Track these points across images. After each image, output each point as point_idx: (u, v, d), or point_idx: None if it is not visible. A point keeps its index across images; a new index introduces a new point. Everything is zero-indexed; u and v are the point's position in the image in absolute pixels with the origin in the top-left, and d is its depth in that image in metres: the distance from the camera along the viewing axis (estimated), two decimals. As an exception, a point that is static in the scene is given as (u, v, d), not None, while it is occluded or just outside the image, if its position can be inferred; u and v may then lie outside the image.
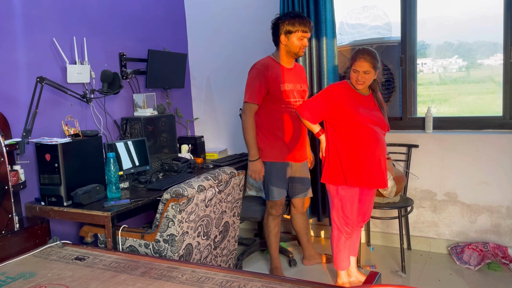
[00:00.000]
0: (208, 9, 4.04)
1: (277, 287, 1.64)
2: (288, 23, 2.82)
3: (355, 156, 2.60)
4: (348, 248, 2.79)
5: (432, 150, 3.30)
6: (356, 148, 2.60)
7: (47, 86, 2.67)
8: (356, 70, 2.54)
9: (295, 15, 2.84)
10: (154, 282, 1.74)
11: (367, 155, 2.59)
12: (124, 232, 2.45)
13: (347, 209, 2.68)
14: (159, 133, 3.49)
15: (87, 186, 2.57)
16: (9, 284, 1.78)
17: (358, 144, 2.59)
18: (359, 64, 2.52)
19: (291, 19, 2.82)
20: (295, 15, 2.84)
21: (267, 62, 2.90)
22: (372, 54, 2.53)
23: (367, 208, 2.79)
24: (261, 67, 2.86)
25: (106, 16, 3.25)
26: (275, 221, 3.05)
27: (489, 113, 3.38)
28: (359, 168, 2.60)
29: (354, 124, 2.58)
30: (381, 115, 2.65)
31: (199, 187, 2.41)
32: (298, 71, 3.06)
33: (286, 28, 2.83)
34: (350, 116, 2.58)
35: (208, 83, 4.16)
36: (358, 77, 2.55)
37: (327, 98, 2.64)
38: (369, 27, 3.66)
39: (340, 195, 2.68)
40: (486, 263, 3.03)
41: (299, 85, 2.99)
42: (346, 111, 2.59)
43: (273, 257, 3.10)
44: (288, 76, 2.92)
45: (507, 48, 3.06)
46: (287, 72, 2.93)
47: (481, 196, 3.18)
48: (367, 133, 2.58)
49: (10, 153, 2.39)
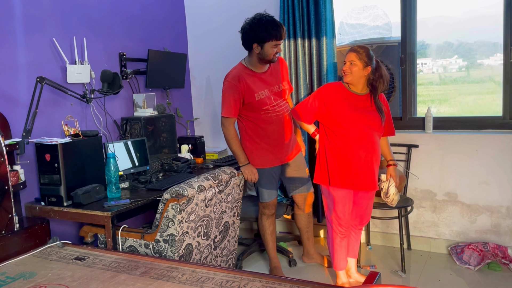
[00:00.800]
0: (208, 9, 4.04)
1: (277, 287, 1.64)
2: (261, 32, 2.72)
3: (340, 156, 2.61)
4: (345, 248, 2.78)
5: (432, 150, 3.30)
6: (342, 148, 2.61)
7: (47, 86, 2.67)
8: (344, 61, 2.59)
9: (267, 22, 2.72)
10: (154, 282, 1.74)
11: (353, 155, 2.58)
12: (124, 232, 2.45)
13: (339, 209, 2.68)
14: (159, 133, 3.49)
15: (87, 186, 2.57)
16: (9, 284, 1.78)
17: (344, 144, 2.60)
18: (347, 55, 2.58)
19: (263, 27, 2.71)
20: (267, 22, 2.72)
21: (238, 73, 2.85)
22: (362, 48, 2.56)
23: (363, 211, 2.77)
24: (232, 80, 2.82)
25: (106, 16, 3.25)
26: (269, 220, 3.07)
27: (489, 113, 3.38)
28: (344, 169, 2.61)
29: (343, 123, 2.58)
30: (377, 116, 2.61)
31: (199, 187, 2.41)
32: (273, 71, 2.95)
33: (258, 36, 2.73)
34: (339, 115, 2.59)
35: (208, 83, 4.16)
36: (344, 67, 2.59)
37: (318, 98, 2.67)
38: (369, 27, 3.66)
39: (332, 195, 2.68)
40: (486, 263, 3.03)
41: (276, 87, 2.93)
42: (336, 110, 2.60)
43: (271, 256, 3.10)
44: (261, 83, 2.88)
45: (507, 48, 3.06)
46: (259, 78, 2.88)
47: (481, 196, 3.18)
48: (354, 133, 2.57)
49: (10, 153, 2.39)
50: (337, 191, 2.66)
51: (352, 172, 2.60)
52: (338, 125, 2.60)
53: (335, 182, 2.64)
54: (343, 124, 2.59)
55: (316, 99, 2.68)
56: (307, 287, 1.65)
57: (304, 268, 3.22)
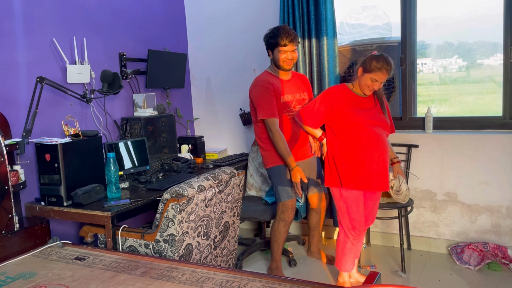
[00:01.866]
0: (208, 9, 4.04)
1: (277, 287, 1.64)
2: (270, 39, 2.90)
3: (352, 158, 2.59)
4: (354, 251, 2.77)
5: (432, 150, 3.30)
6: (353, 150, 2.59)
7: (47, 86, 2.67)
8: (375, 80, 2.51)
9: (277, 30, 2.89)
10: (154, 282, 1.74)
11: (365, 156, 2.57)
12: (124, 232, 2.45)
13: (353, 211, 2.65)
14: (159, 133, 3.49)
15: (87, 186, 2.57)
16: (9, 284, 1.78)
17: (355, 146, 2.58)
18: (381, 75, 2.49)
19: (272, 35, 2.89)
20: (277, 30, 2.89)
21: (266, 77, 2.96)
22: (392, 64, 2.51)
23: (370, 211, 2.76)
24: (263, 83, 2.91)
25: (106, 16, 3.25)
26: (286, 227, 3.02)
27: (489, 113, 3.38)
28: (356, 170, 2.59)
29: (352, 126, 2.58)
30: (383, 116, 2.63)
31: (199, 187, 2.41)
32: (297, 81, 3.08)
33: (268, 43, 2.93)
34: (348, 118, 2.58)
35: (208, 83, 4.16)
36: (374, 86, 2.54)
37: (325, 102, 2.65)
38: (369, 27, 3.66)
39: (344, 197, 2.65)
40: (486, 263, 3.03)
41: (298, 94, 3.02)
42: (344, 113, 2.59)
43: (276, 259, 3.09)
44: (286, 88, 2.98)
45: (507, 48, 3.06)
46: (285, 83, 2.99)
47: (481, 196, 3.18)
48: (365, 135, 2.57)
49: (10, 153, 2.39)
50: (350, 192, 2.63)
51: (365, 173, 2.58)
52: (348, 128, 2.59)
53: (347, 183, 2.61)
54: (353, 127, 2.57)
55: (322, 104, 2.66)
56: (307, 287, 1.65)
57: (304, 268, 3.23)
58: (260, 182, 3.66)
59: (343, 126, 2.61)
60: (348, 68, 3.63)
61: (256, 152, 3.69)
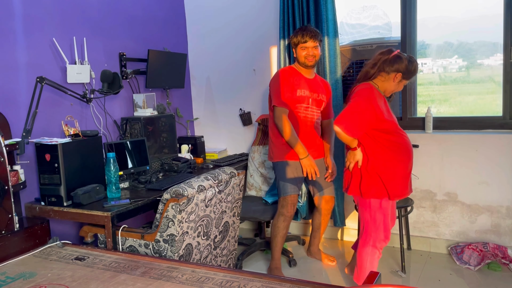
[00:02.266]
0: (208, 9, 4.04)
1: (277, 287, 1.64)
2: (293, 37, 3.02)
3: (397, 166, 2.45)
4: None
5: (432, 150, 3.30)
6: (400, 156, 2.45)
7: (47, 86, 2.67)
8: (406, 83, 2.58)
9: (300, 28, 3.02)
10: (154, 282, 1.74)
11: (410, 160, 2.48)
12: (124, 232, 2.45)
13: (388, 221, 2.54)
14: (159, 133, 3.49)
15: (87, 186, 2.57)
16: (9, 284, 1.78)
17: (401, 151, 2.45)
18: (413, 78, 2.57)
19: (295, 33, 3.01)
20: (300, 28, 3.02)
21: (287, 69, 3.06)
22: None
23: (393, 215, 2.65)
24: (276, 74, 3.04)
25: (106, 16, 3.25)
26: (285, 223, 3.04)
27: (489, 113, 3.38)
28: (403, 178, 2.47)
29: (394, 129, 2.46)
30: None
31: (199, 187, 2.41)
32: (319, 83, 3.11)
33: (292, 41, 3.03)
34: (389, 123, 2.44)
35: (208, 83, 4.16)
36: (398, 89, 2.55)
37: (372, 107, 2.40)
38: (369, 27, 3.66)
39: (384, 207, 2.50)
40: (486, 263, 3.03)
41: (316, 94, 3.04)
42: (385, 117, 2.43)
43: (275, 258, 3.10)
44: (306, 84, 3.01)
45: (507, 48, 3.06)
46: (306, 81, 3.02)
47: (481, 196, 3.18)
48: (404, 140, 2.47)
49: (10, 153, 2.39)
50: (389, 201, 2.50)
51: (408, 178, 2.51)
52: (391, 133, 2.45)
53: (395, 194, 2.47)
54: (395, 130, 2.46)
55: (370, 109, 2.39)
56: (307, 287, 1.64)
57: (304, 268, 3.22)
58: (260, 182, 3.66)
59: (384, 132, 2.44)
60: (348, 68, 3.63)
61: (256, 152, 3.70)
